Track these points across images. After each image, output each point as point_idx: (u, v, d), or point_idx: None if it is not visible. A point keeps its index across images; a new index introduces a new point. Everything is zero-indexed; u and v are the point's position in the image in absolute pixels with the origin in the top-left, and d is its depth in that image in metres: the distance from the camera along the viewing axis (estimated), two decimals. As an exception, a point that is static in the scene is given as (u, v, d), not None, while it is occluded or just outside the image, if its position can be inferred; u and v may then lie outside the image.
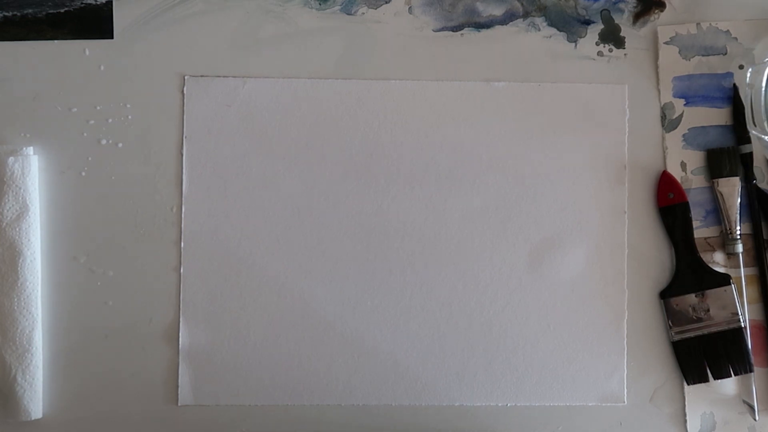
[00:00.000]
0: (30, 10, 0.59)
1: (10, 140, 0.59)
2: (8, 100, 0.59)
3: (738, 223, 0.60)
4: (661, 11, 0.61)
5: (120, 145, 0.59)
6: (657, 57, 0.61)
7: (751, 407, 0.60)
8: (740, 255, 0.60)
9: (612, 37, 0.61)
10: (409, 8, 0.61)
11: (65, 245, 0.59)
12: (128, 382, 0.58)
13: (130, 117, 0.59)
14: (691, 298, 0.60)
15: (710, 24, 0.61)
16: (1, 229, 0.57)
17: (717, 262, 0.61)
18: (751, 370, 0.59)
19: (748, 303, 0.60)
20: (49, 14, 0.59)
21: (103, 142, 0.59)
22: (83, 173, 0.59)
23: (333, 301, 0.59)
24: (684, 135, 0.61)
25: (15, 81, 0.59)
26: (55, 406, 0.58)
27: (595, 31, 0.61)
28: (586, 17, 0.61)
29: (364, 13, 0.60)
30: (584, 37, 0.61)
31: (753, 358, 0.59)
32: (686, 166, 0.61)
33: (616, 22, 0.61)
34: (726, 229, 0.60)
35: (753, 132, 0.58)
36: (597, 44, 0.61)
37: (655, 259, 0.61)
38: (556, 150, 0.60)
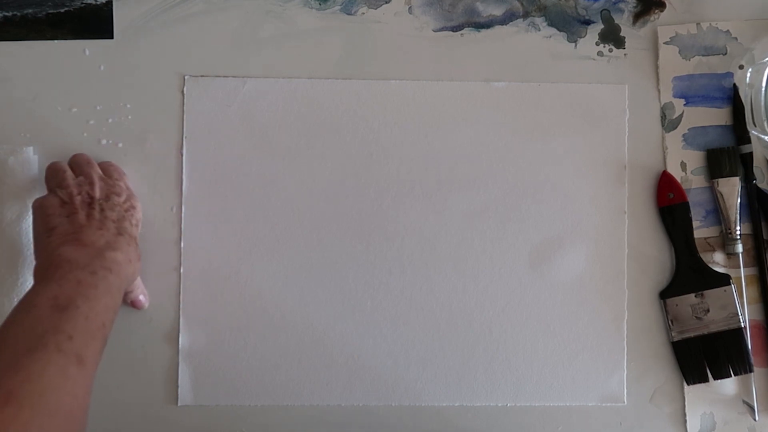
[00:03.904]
0: (30, 10, 0.59)
1: (10, 140, 0.59)
2: (8, 100, 0.59)
3: (738, 223, 0.60)
4: (661, 11, 0.61)
5: (120, 145, 0.59)
6: (657, 57, 0.61)
7: (751, 407, 0.60)
8: (740, 255, 0.60)
9: (612, 37, 0.61)
10: (409, 8, 0.61)
11: (65, 245, 0.59)
12: (128, 382, 0.58)
13: (130, 117, 0.59)
14: (691, 298, 0.60)
15: (710, 24, 0.61)
16: (1, 229, 0.57)
17: (717, 262, 0.61)
18: (751, 370, 0.59)
19: (748, 303, 0.60)
20: (49, 14, 0.59)
21: (103, 142, 0.59)
22: (83, 173, 0.59)
23: (332, 301, 0.59)
24: (684, 135, 0.61)
25: (15, 81, 0.59)
26: (55, 406, 0.58)
27: (595, 31, 0.61)
28: (586, 17, 0.61)
29: (364, 13, 0.60)
30: (584, 37, 0.61)
31: (753, 358, 0.59)
32: (686, 166, 0.61)
33: (616, 22, 0.61)
34: (726, 229, 0.60)
35: (753, 132, 0.58)
36: (597, 44, 0.61)
37: (655, 259, 0.61)
38: (556, 150, 0.60)
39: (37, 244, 0.52)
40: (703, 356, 0.59)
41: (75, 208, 0.51)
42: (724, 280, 0.60)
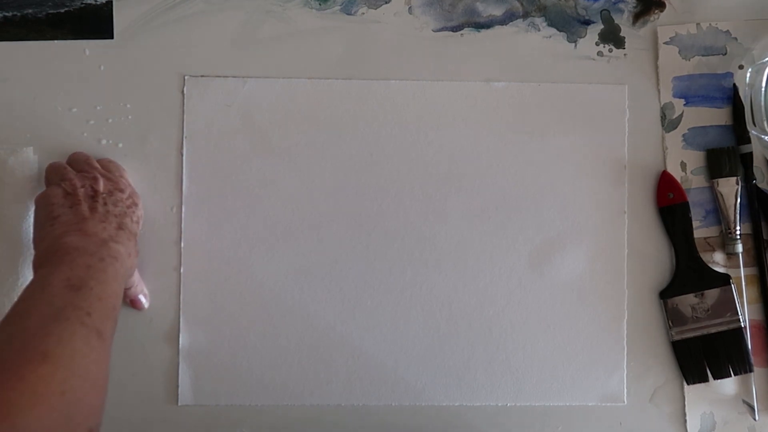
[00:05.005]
0: (30, 10, 0.59)
1: (10, 140, 0.59)
2: (8, 100, 0.59)
3: (738, 223, 0.60)
4: (661, 11, 0.61)
5: (120, 145, 0.59)
6: (657, 57, 0.61)
7: (751, 407, 0.60)
8: (740, 255, 0.60)
9: (612, 37, 0.61)
10: (409, 8, 0.61)
11: (65, 245, 0.59)
12: (128, 382, 0.58)
13: (130, 117, 0.59)
14: (691, 298, 0.60)
15: (710, 24, 0.61)
16: (1, 229, 0.57)
17: (717, 262, 0.61)
18: (750, 370, 0.59)
19: (748, 303, 0.60)
20: (49, 14, 0.59)
21: (103, 142, 0.59)
22: (83, 173, 0.59)
23: (333, 301, 0.59)
24: (684, 135, 0.61)
25: (15, 81, 0.59)
26: (55, 406, 0.58)
27: (595, 31, 0.61)
28: (586, 17, 0.61)
29: (364, 13, 0.60)
30: (584, 37, 0.61)
31: (753, 358, 0.59)
32: (686, 166, 0.61)
33: (616, 22, 0.61)
34: (726, 229, 0.60)
35: (753, 132, 0.58)
36: (597, 44, 0.61)
37: (655, 259, 0.61)
38: (556, 150, 0.60)
39: (38, 232, 0.51)
40: (703, 356, 0.59)
41: (78, 199, 0.52)
42: (724, 280, 0.60)
